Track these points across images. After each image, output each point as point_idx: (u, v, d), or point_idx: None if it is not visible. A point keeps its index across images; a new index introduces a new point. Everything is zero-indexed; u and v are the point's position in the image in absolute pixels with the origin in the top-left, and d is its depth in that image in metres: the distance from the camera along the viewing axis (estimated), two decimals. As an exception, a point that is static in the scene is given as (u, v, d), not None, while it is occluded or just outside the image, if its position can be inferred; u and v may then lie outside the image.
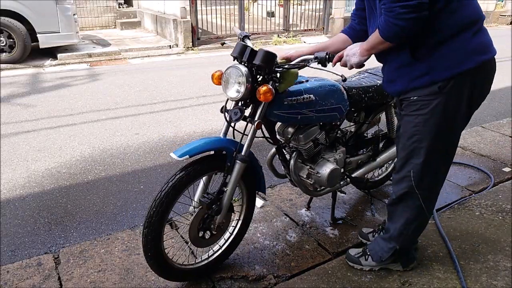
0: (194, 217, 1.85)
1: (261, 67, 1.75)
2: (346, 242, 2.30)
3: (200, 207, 1.85)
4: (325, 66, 1.83)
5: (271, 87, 1.74)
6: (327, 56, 1.78)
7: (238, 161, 1.81)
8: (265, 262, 2.13)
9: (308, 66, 1.85)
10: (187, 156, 1.69)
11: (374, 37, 1.61)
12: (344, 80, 1.88)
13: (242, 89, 1.74)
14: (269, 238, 2.32)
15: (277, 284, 1.99)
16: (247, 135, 1.86)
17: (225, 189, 1.84)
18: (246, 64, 1.78)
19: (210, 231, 1.92)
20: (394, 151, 2.58)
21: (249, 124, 1.86)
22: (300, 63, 1.85)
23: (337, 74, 1.92)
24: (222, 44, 2.36)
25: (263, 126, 2.01)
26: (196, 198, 1.91)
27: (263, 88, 1.72)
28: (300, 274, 2.02)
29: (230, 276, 2.02)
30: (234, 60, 1.84)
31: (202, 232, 1.91)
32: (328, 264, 2.06)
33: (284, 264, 2.12)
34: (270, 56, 1.74)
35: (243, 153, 1.82)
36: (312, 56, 1.82)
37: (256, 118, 1.81)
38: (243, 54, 1.78)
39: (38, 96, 5.07)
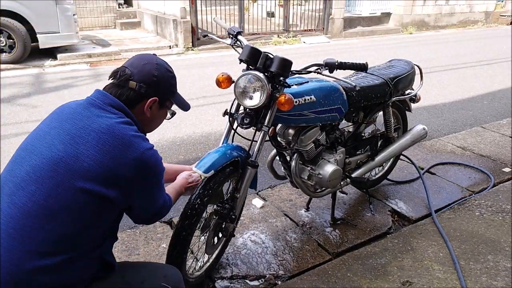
0: (212, 227, 1.83)
1: (278, 74, 1.71)
2: (346, 242, 2.30)
3: (217, 217, 1.82)
4: (331, 72, 1.83)
5: (291, 96, 1.73)
6: (337, 64, 1.79)
7: (249, 167, 1.80)
8: (265, 262, 2.13)
9: (320, 73, 1.84)
10: (213, 171, 1.67)
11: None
12: (356, 88, 1.87)
13: (263, 96, 1.70)
14: (269, 238, 2.32)
15: (277, 284, 1.99)
16: (256, 141, 1.84)
17: (238, 195, 1.83)
18: (262, 71, 1.72)
19: (218, 236, 1.92)
20: (392, 150, 2.61)
21: (261, 132, 1.82)
22: (312, 71, 1.85)
23: (351, 84, 1.92)
24: (204, 36, 2.28)
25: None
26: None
27: (285, 97, 1.70)
28: (300, 274, 2.02)
29: (230, 276, 2.02)
30: (240, 63, 1.78)
31: (213, 240, 1.89)
32: (328, 264, 2.06)
33: (284, 264, 2.12)
34: (286, 63, 1.70)
35: (253, 159, 1.81)
36: (320, 62, 1.82)
37: (267, 124, 1.79)
38: (255, 59, 1.72)
39: (39, 96, 5.07)
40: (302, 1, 9.88)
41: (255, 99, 1.73)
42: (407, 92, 2.62)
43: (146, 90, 1.27)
